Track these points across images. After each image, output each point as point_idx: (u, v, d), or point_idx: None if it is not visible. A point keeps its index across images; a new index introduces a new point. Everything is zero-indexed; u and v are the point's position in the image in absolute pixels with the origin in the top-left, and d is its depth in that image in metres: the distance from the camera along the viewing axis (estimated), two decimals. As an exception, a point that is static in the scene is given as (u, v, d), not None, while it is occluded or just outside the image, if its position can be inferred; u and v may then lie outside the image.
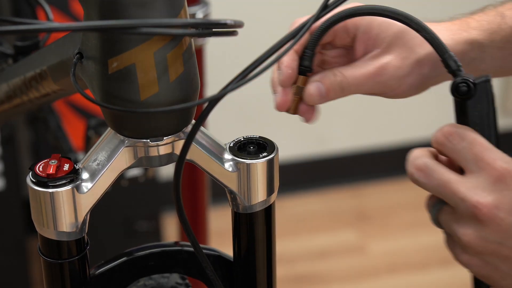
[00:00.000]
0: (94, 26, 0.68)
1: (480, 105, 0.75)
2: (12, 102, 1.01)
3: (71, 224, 0.75)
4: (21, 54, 1.12)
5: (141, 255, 0.85)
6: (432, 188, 0.73)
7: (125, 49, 0.70)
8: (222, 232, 1.78)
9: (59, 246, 0.77)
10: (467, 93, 0.75)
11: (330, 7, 0.73)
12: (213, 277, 0.78)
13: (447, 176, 0.72)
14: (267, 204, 0.81)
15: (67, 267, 0.78)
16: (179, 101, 0.73)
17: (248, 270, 0.83)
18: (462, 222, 0.72)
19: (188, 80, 0.73)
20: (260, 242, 0.82)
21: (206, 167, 0.78)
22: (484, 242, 0.71)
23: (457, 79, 0.75)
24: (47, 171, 0.74)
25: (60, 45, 0.84)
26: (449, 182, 0.72)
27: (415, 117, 2.70)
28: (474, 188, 0.71)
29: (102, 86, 0.73)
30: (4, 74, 1.04)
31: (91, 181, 0.75)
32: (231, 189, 0.79)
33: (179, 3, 0.71)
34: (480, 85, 0.75)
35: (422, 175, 0.73)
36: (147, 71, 0.71)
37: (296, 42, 0.71)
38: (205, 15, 1.52)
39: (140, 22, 0.67)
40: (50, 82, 0.90)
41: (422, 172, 0.73)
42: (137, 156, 0.76)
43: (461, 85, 0.74)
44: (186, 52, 0.73)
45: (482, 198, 0.70)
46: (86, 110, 1.97)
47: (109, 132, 0.77)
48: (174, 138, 0.76)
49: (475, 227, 0.71)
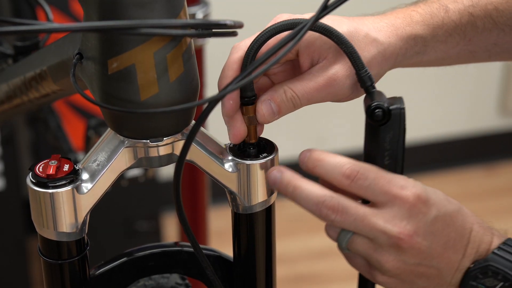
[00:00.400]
0: (94, 26, 0.68)
1: (392, 131, 0.76)
2: (12, 102, 1.01)
3: (71, 224, 0.75)
4: (21, 54, 1.12)
5: (141, 255, 0.85)
6: (349, 225, 0.75)
7: (125, 49, 0.70)
8: (222, 232, 1.78)
9: (59, 246, 0.77)
10: (382, 119, 0.76)
11: (329, 7, 0.73)
12: (213, 277, 0.78)
13: (362, 211, 0.74)
14: (267, 204, 0.81)
15: (67, 268, 0.78)
16: (179, 102, 0.73)
17: (248, 270, 0.83)
18: (382, 250, 0.75)
19: (188, 80, 0.73)
20: (260, 243, 0.82)
21: (206, 167, 0.78)
22: (404, 265, 0.75)
23: (373, 104, 0.76)
24: (47, 172, 0.74)
25: (60, 45, 0.84)
26: (365, 217, 0.74)
27: (415, 117, 2.70)
28: (391, 219, 0.73)
29: (102, 87, 0.73)
30: (4, 74, 1.04)
31: (91, 182, 0.75)
32: (231, 189, 0.79)
33: (178, 4, 0.71)
34: (395, 111, 0.75)
35: (337, 214, 0.74)
36: (147, 72, 0.71)
37: (296, 43, 0.71)
38: (205, 15, 1.52)
39: (140, 23, 0.67)
40: (50, 82, 0.90)
41: (336, 211, 0.74)
42: (137, 157, 0.76)
43: (377, 111, 0.75)
44: (186, 52, 0.73)
45: (402, 229, 0.73)
46: (86, 110, 1.97)
47: (109, 133, 0.77)
48: (174, 139, 0.76)
49: (395, 254, 0.74)
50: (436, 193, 0.75)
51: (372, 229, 0.74)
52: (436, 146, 2.76)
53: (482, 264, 0.75)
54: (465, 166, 2.78)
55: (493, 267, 0.75)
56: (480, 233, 0.76)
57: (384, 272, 0.76)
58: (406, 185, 0.74)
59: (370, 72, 0.79)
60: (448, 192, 0.78)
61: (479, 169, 2.78)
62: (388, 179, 0.74)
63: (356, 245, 0.76)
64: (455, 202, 0.76)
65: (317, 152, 0.76)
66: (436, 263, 0.75)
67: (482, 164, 2.80)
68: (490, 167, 2.80)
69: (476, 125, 2.77)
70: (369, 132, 0.77)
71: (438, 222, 0.74)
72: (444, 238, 0.75)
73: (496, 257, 0.75)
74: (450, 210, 0.75)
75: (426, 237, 0.74)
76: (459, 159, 2.79)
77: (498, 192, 2.68)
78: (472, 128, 2.78)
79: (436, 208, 0.74)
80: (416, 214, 0.73)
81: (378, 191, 0.74)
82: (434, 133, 2.76)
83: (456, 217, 0.75)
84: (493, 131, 2.78)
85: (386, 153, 0.76)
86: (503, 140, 2.81)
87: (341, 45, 0.77)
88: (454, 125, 2.76)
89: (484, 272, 0.75)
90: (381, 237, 0.74)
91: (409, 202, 0.73)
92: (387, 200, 0.74)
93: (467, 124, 2.77)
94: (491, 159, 2.81)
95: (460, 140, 2.78)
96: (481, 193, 2.66)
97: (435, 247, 0.74)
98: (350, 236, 0.75)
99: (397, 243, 0.73)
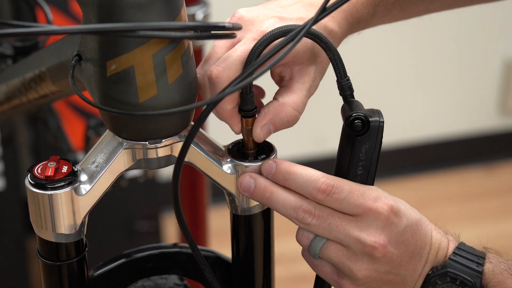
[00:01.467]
0: (93, 29, 0.68)
1: (369, 143, 0.77)
2: (11, 103, 1.01)
3: (70, 226, 0.75)
4: (20, 54, 1.12)
5: (139, 256, 0.85)
6: (323, 229, 0.76)
7: (123, 51, 0.70)
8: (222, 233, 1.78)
9: (57, 248, 0.77)
10: (361, 129, 0.76)
11: (328, 10, 0.73)
12: (211, 279, 0.78)
13: (338, 217, 0.76)
14: (265, 206, 0.81)
15: (65, 269, 0.78)
16: (177, 104, 0.73)
17: (246, 271, 0.83)
18: (355, 259, 0.76)
19: (186, 82, 0.73)
20: (259, 244, 0.82)
21: (204, 169, 0.78)
22: (375, 273, 0.77)
23: (354, 114, 0.76)
24: (45, 173, 0.74)
25: (59, 46, 0.84)
26: (341, 223, 0.76)
27: (415, 117, 2.69)
28: (366, 228, 0.75)
29: (100, 88, 0.73)
30: (3, 75, 1.04)
31: (90, 183, 0.75)
32: (229, 191, 0.79)
33: (177, 5, 0.71)
34: (374, 124, 0.76)
35: (313, 218, 0.76)
36: (146, 74, 0.71)
37: (296, 44, 0.71)
38: (205, 15, 1.52)
39: (138, 25, 0.67)
40: (49, 84, 0.90)
41: (313, 215, 0.76)
42: (136, 158, 0.76)
43: (357, 121, 0.76)
44: (184, 54, 0.73)
45: (377, 238, 0.75)
46: (86, 110, 1.97)
47: (107, 134, 0.77)
48: (172, 140, 0.76)
49: (368, 263, 0.76)
50: (403, 203, 0.78)
51: (347, 235, 0.75)
52: (436, 146, 2.76)
53: (440, 271, 0.77)
54: (465, 166, 2.78)
55: (451, 273, 0.77)
56: (438, 239, 0.79)
57: (354, 280, 0.77)
58: (379, 196, 0.76)
59: (326, 60, 0.80)
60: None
61: (479, 169, 2.78)
62: (362, 192, 0.76)
63: (330, 251, 0.77)
64: (416, 211, 0.79)
65: (286, 164, 0.77)
66: (403, 270, 0.77)
67: (482, 164, 2.79)
68: (490, 167, 2.80)
69: (476, 125, 2.77)
70: (345, 141, 0.78)
71: (407, 232, 0.76)
72: (412, 247, 0.77)
73: (453, 263, 0.77)
74: (416, 219, 0.77)
75: (397, 247, 0.76)
76: (459, 159, 2.79)
77: (498, 192, 2.68)
78: (472, 128, 2.77)
79: (405, 218, 0.76)
80: (390, 224, 0.76)
81: (352, 204, 0.76)
82: (434, 133, 2.75)
83: (419, 226, 0.78)
84: (493, 131, 2.78)
85: (360, 163, 0.77)
86: (503, 140, 2.80)
87: (328, 51, 0.77)
88: (454, 125, 2.76)
89: (442, 278, 0.77)
90: (355, 245, 0.75)
91: (383, 214, 0.75)
92: (362, 212, 0.75)
93: (467, 124, 2.77)
94: (491, 159, 2.81)
95: (460, 140, 2.78)
96: (481, 193, 2.66)
97: (404, 255, 0.77)
98: (324, 243, 0.77)
99: (371, 252, 0.75)
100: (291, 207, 0.76)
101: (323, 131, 2.59)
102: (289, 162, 0.78)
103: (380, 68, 2.55)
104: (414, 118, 2.69)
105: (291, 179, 0.76)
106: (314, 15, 0.72)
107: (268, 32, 0.75)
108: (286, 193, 0.77)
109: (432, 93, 2.69)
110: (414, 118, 2.69)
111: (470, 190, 2.67)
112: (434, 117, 2.74)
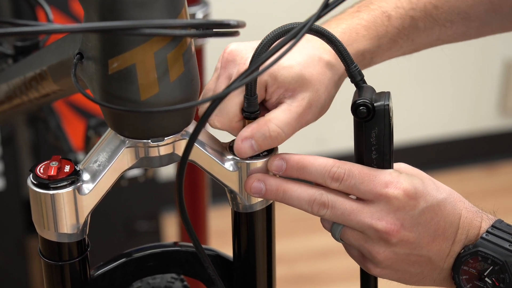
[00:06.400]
0: (94, 27, 0.68)
1: (377, 127, 0.77)
2: (12, 102, 1.01)
3: (72, 225, 0.75)
4: (21, 54, 1.12)
5: (140, 256, 0.85)
6: (337, 218, 0.78)
7: (125, 49, 0.70)
8: (222, 232, 1.78)
9: (60, 248, 0.76)
10: (366, 116, 0.77)
11: (330, 6, 0.72)
12: (214, 276, 0.78)
13: (349, 205, 0.77)
14: (267, 203, 0.81)
15: (67, 269, 0.77)
16: (179, 102, 0.73)
17: (248, 269, 0.83)
18: (372, 243, 0.77)
19: (188, 80, 0.73)
20: (260, 241, 0.82)
21: (206, 166, 0.78)
22: (395, 256, 0.78)
23: (358, 101, 0.77)
24: (48, 173, 0.74)
25: (60, 45, 0.84)
26: (352, 212, 0.77)
27: (415, 117, 2.70)
28: (377, 214, 0.76)
29: (102, 87, 0.72)
30: (4, 74, 1.04)
31: (92, 182, 0.75)
32: (231, 188, 0.79)
33: (179, 4, 0.71)
34: (379, 108, 0.77)
35: (327, 209, 0.77)
36: (148, 71, 0.70)
37: (297, 41, 0.71)
38: (205, 15, 1.52)
39: (140, 23, 0.67)
40: (50, 83, 0.89)
41: (326, 206, 0.77)
42: (138, 157, 0.76)
43: (361, 108, 0.77)
44: (186, 52, 0.72)
45: (389, 224, 0.76)
46: (86, 110, 1.97)
47: (109, 133, 0.76)
48: (174, 138, 0.76)
49: (385, 246, 0.77)
50: (424, 184, 0.77)
51: (359, 223, 0.77)
52: (436, 146, 2.76)
53: (471, 250, 0.77)
54: (465, 166, 2.78)
55: (482, 252, 0.77)
56: (469, 218, 0.79)
57: (377, 263, 0.78)
58: (390, 181, 0.76)
59: (330, 92, 0.82)
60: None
61: (479, 169, 2.78)
62: (373, 177, 0.77)
63: (348, 236, 0.79)
64: (443, 189, 0.78)
65: (296, 158, 0.78)
66: (426, 251, 0.77)
67: (482, 164, 2.80)
68: (490, 167, 2.80)
69: (476, 125, 2.77)
70: (356, 128, 0.79)
71: (426, 213, 0.77)
72: (432, 228, 0.77)
73: (485, 242, 0.77)
74: (439, 199, 0.77)
75: (413, 229, 0.76)
76: (459, 159, 2.79)
77: (498, 192, 2.68)
78: (472, 128, 2.78)
79: (424, 199, 0.76)
80: (403, 208, 0.76)
81: (362, 190, 0.77)
82: (434, 133, 2.76)
83: (444, 206, 0.78)
84: (493, 131, 2.78)
85: (373, 147, 0.78)
86: (503, 140, 2.81)
87: (331, 44, 0.78)
88: (454, 125, 2.76)
89: (473, 257, 0.77)
90: (369, 231, 0.77)
91: (395, 198, 0.76)
92: (373, 197, 0.76)
93: (467, 124, 2.77)
94: (491, 159, 2.81)
95: (460, 140, 2.78)
96: (481, 193, 2.66)
97: (423, 237, 0.77)
98: (341, 229, 0.79)
99: (385, 237, 0.76)
100: (305, 202, 0.78)
101: (324, 131, 2.59)
102: (297, 155, 0.79)
103: (380, 68, 2.55)
104: (414, 118, 2.69)
105: (306, 172, 0.78)
106: (316, 11, 0.72)
107: (272, 31, 0.76)
108: (299, 188, 0.78)
109: (432, 93, 2.69)
110: (414, 118, 2.69)
111: (470, 190, 2.67)
112: (434, 117, 2.74)
